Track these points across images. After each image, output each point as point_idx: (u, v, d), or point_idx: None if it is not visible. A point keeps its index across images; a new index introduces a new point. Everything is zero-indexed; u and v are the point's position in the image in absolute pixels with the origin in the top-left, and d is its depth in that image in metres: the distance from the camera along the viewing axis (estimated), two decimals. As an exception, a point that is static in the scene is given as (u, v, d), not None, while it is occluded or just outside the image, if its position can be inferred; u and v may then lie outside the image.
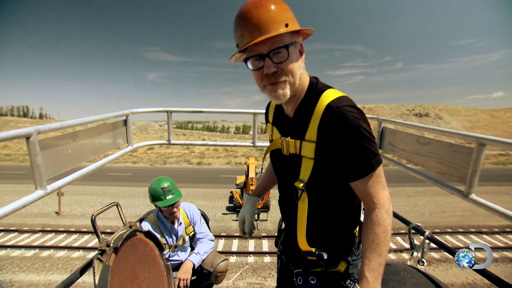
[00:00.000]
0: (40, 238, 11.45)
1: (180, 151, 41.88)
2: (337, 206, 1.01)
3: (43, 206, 15.40)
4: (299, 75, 0.93)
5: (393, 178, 24.91)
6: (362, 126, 0.85)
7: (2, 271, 9.20)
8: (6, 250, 10.43)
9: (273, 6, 0.84)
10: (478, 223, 13.44)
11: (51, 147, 1.39)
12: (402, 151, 2.22)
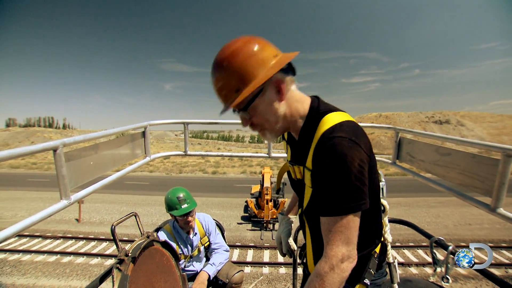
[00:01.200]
0: (62, 244, 11.85)
1: (196, 160, 42.46)
2: None
3: (65, 213, 15.99)
4: (280, 116, 0.92)
5: (413, 188, 24.00)
6: (346, 165, 0.77)
7: (27, 275, 9.57)
8: (31, 255, 10.87)
9: (222, 73, 0.85)
10: (511, 237, 12.55)
11: (75, 158, 1.46)
12: (421, 161, 2.15)
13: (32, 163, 36.51)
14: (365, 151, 0.82)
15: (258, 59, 0.84)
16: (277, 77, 0.89)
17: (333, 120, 0.86)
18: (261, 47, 0.86)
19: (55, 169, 1.30)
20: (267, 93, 0.89)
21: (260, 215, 14.37)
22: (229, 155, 2.25)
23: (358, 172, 0.78)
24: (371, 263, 0.99)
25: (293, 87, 0.95)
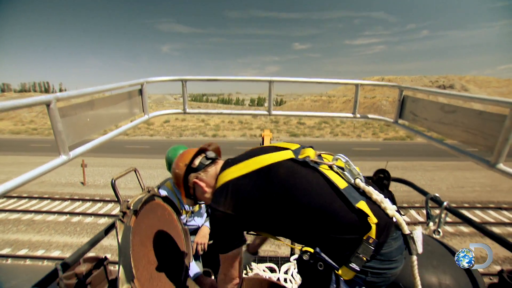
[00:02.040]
0: (70, 206, 12.37)
1: (196, 124, 42.41)
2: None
3: (70, 177, 16.44)
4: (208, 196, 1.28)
5: (411, 152, 24.34)
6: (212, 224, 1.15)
7: (41, 233, 10.16)
8: (42, 215, 11.41)
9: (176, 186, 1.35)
10: (498, 199, 13.06)
11: (71, 114, 1.43)
12: (424, 120, 2.11)
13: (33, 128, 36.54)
14: (225, 211, 1.09)
15: (177, 178, 1.31)
16: (193, 179, 1.28)
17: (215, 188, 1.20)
18: (177, 166, 1.31)
19: (51, 124, 1.28)
20: (197, 189, 1.29)
21: (260, 178, 14.72)
22: (228, 113, 2.21)
23: (221, 227, 1.12)
24: (361, 249, 0.97)
25: (211, 169, 1.28)
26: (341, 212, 1.00)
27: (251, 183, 1.10)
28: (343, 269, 0.99)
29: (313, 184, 1.06)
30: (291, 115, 2.36)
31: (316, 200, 1.02)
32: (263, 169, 1.11)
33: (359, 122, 45.26)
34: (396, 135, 34.67)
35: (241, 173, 1.13)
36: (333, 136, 35.61)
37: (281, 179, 1.07)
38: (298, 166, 1.11)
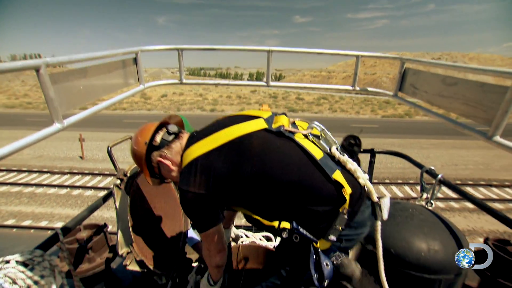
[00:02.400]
0: (69, 179, 12.52)
1: (194, 98, 41.87)
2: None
3: (68, 151, 16.47)
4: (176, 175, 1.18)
5: (408, 130, 24.42)
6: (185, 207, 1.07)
7: (43, 205, 10.38)
8: (43, 188, 11.58)
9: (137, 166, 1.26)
10: (490, 177, 13.37)
11: (63, 81, 1.39)
12: (424, 93, 2.08)
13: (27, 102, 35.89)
14: (198, 191, 1.01)
15: (137, 157, 1.19)
16: (157, 158, 1.17)
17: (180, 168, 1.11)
18: (136, 146, 1.18)
19: (42, 91, 1.24)
20: (162, 168, 1.19)
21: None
22: (226, 83, 2.16)
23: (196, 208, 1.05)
24: (338, 220, 0.99)
25: (176, 145, 1.17)
26: (318, 184, 0.98)
27: (221, 158, 1.00)
28: (321, 241, 1.01)
29: (289, 155, 1.01)
30: (289, 86, 2.31)
31: (293, 173, 0.98)
32: (234, 142, 1.02)
33: (358, 99, 44.83)
34: (395, 112, 34.57)
35: (209, 148, 1.02)
36: (332, 112, 35.45)
37: (255, 152, 0.99)
38: (272, 136, 1.04)
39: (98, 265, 1.46)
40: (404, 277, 1.29)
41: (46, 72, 1.22)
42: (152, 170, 1.21)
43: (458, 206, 10.81)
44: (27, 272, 0.93)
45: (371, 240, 1.42)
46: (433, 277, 1.25)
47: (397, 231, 1.34)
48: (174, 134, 1.19)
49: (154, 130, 1.17)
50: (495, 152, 17.59)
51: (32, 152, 16.16)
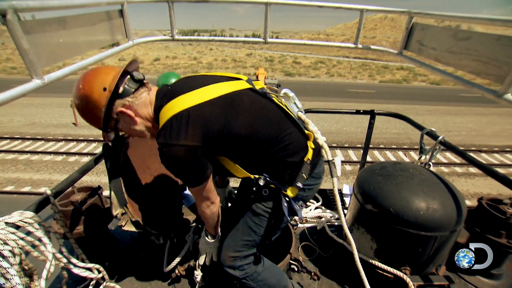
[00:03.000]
0: (64, 146, 12.42)
1: (188, 62, 40.37)
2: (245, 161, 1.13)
3: (60, 118, 16.13)
4: (143, 130, 1.12)
5: (405, 96, 24.22)
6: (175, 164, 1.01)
7: (40, 172, 10.42)
8: (39, 155, 11.52)
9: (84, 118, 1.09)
10: (480, 143, 13.63)
11: (38, 31, 1.24)
12: (432, 50, 1.96)
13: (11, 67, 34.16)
14: (190, 143, 0.96)
15: (91, 106, 1.02)
16: (119, 107, 1.04)
17: (161, 122, 1.01)
18: (89, 91, 1.01)
19: (13, 42, 1.11)
20: (122, 121, 1.09)
21: (254, 118, 14.73)
22: (220, 39, 1.99)
23: (187, 163, 0.99)
24: (304, 169, 1.14)
25: (142, 96, 1.08)
26: (295, 137, 1.14)
27: (216, 110, 1.02)
28: (290, 188, 1.15)
29: (273, 113, 1.14)
30: (288, 42, 2.16)
31: (275, 127, 1.10)
32: (226, 97, 1.06)
33: (356, 63, 43.60)
34: (393, 77, 33.93)
35: (201, 101, 1.01)
36: (329, 76, 34.66)
37: (247, 107, 1.07)
38: (258, 96, 1.14)
39: (95, 226, 1.46)
40: (401, 234, 1.31)
41: (15, 19, 1.08)
42: (107, 122, 1.05)
43: (448, 171, 11.13)
44: (18, 233, 0.90)
45: (369, 200, 1.42)
46: (429, 234, 1.27)
47: (397, 190, 1.34)
48: (140, 82, 1.08)
49: (117, 75, 1.01)
50: (488, 119, 17.75)
51: (23, 120, 15.81)
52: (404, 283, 1.34)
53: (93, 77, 1.02)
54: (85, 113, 1.05)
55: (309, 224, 2.12)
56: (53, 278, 1.53)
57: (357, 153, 12.50)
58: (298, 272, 1.55)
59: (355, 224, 1.57)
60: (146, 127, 1.11)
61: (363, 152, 2.65)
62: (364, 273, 1.54)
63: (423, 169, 1.50)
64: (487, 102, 21.49)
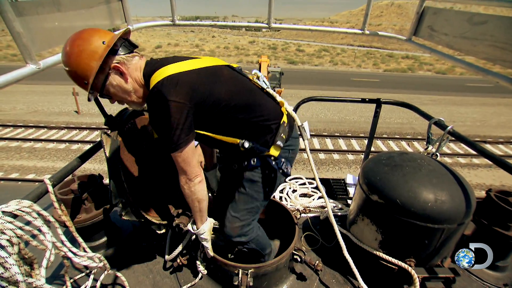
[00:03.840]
0: (67, 134, 12.46)
1: (190, 49, 39.87)
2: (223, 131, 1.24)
3: (62, 106, 16.10)
4: (131, 91, 1.16)
5: (410, 85, 23.82)
6: (162, 118, 1.04)
7: (44, 160, 10.50)
8: (42, 143, 11.58)
9: (68, 73, 1.06)
10: (485, 134, 13.47)
11: (30, 14, 1.18)
12: (443, 35, 1.87)
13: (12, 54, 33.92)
14: (179, 100, 1.04)
15: (87, 54, 1.01)
16: (113, 62, 1.08)
17: (152, 83, 1.08)
18: (87, 41, 1.02)
19: (5, 24, 1.05)
20: (112, 77, 1.10)
21: (257, 105, 14.61)
22: (223, 25, 1.92)
23: (174, 121, 1.03)
24: (281, 129, 1.29)
25: (134, 59, 1.14)
26: (270, 105, 1.31)
27: (201, 78, 1.12)
28: (273, 148, 1.27)
29: (249, 85, 1.30)
30: (293, 28, 2.08)
31: (253, 96, 1.26)
32: (209, 68, 1.18)
33: (360, 52, 42.74)
34: (398, 66, 33.28)
35: (187, 69, 1.12)
36: (333, 65, 34.08)
37: (227, 78, 1.21)
38: (236, 72, 1.30)
39: (96, 215, 1.44)
40: (408, 226, 1.28)
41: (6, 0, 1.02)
42: (98, 76, 1.06)
43: (451, 161, 11.06)
44: (16, 222, 0.88)
45: (375, 191, 1.39)
46: (436, 226, 1.24)
47: (404, 181, 1.30)
48: (134, 47, 1.15)
49: (116, 35, 1.08)
50: (494, 109, 17.47)
51: (25, 107, 15.80)
52: (408, 275, 1.32)
53: (92, 31, 1.06)
54: (77, 63, 1.02)
55: (312, 214, 2.10)
56: (55, 267, 1.54)
57: (360, 142, 12.43)
58: (300, 262, 1.53)
59: (359, 214, 1.54)
60: (134, 89, 1.15)
61: (368, 141, 2.60)
62: (368, 264, 1.53)
63: (431, 159, 1.45)
64: (493, 92, 21.12)
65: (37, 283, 0.90)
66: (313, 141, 12.52)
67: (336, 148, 11.97)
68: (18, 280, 0.83)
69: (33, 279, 0.91)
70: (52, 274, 1.50)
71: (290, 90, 18.58)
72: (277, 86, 15.69)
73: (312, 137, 12.81)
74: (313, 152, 11.51)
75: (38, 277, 0.94)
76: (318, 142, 12.47)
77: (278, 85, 15.83)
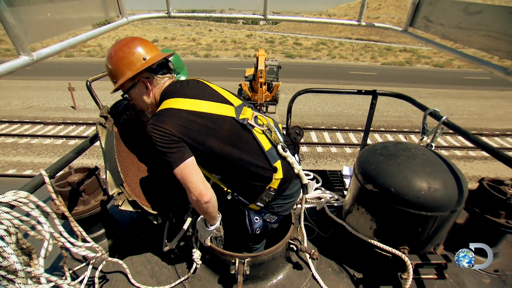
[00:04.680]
0: (64, 130, 12.40)
1: (186, 43, 39.44)
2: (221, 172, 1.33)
3: (59, 101, 15.97)
4: (148, 104, 1.30)
5: (407, 78, 23.81)
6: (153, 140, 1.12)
7: (41, 155, 10.46)
8: (38, 139, 11.52)
9: (106, 67, 1.25)
10: (481, 126, 13.55)
11: (22, 4, 1.17)
12: (439, 26, 1.87)
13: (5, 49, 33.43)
14: (168, 129, 1.12)
15: (126, 62, 1.18)
16: (144, 76, 1.23)
17: (161, 107, 1.20)
18: (132, 51, 1.18)
19: (-4, 14, 1.04)
20: (138, 87, 1.25)
21: (254, 98, 14.55)
22: (219, 16, 1.90)
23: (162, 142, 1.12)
24: (265, 194, 1.30)
25: (163, 80, 1.28)
26: (261, 168, 1.27)
27: (199, 122, 1.18)
28: (252, 205, 1.33)
29: (247, 144, 1.27)
30: (289, 19, 2.06)
31: (246, 156, 1.25)
32: (211, 116, 1.22)
33: (358, 45, 42.51)
34: (395, 60, 33.19)
35: (191, 109, 1.19)
36: (330, 58, 33.92)
37: (225, 133, 1.23)
38: (238, 126, 1.27)
39: (93, 207, 1.45)
40: (402, 214, 1.30)
41: (-6, -12, 1.01)
42: (125, 84, 1.22)
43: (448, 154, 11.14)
44: (13, 212, 0.89)
45: (370, 180, 1.41)
46: (429, 214, 1.26)
47: (399, 170, 1.31)
48: (169, 70, 1.30)
49: (159, 55, 1.22)
50: (491, 102, 17.54)
51: (20, 103, 15.66)
52: (402, 262, 1.35)
53: (141, 43, 1.21)
54: (116, 65, 1.19)
55: (309, 205, 2.12)
56: (55, 258, 1.55)
57: (357, 135, 12.48)
58: (297, 252, 1.56)
59: (354, 204, 1.56)
60: (151, 103, 1.29)
61: (364, 133, 2.61)
62: (363, 252, 1.56)
63: (425, 149, 1.47)
64: (491, 85, 21.17)
65: (35, 272, 0.92)
66: (311, 134, 12.55)
67: (334, 142, 12.02)
68: (17, 269, 0.84)
69: (32, 268, 0.92)
70: (51, 266, 1.52)
71: (287, 84, 18.51)
72: (275, 80, 15.63)
73: (310, 130, 12.84)
74: (311, 145, 11.55)
75: (37, 266, 0.95)
76: (316, 136, 12.51)
77: (275, 78, 15.77)
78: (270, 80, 15.29)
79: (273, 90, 14.84)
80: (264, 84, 13.92)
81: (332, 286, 1.54)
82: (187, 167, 1.15)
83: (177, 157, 1.13)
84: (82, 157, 10.20)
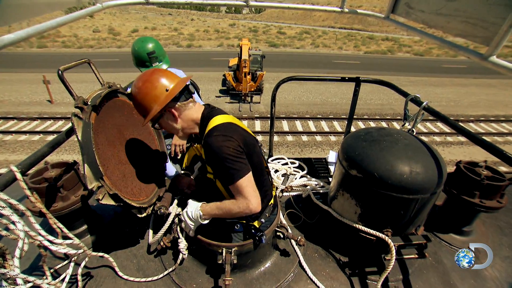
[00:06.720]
0: (40, 125, 11.80)
1: (168, 33, 38.16)
2: None
3: (33, 95, 15.13)
4: (179, 129, 1.36)
5: (389, 66, 24.30)
6: (223, 151, 1.18)
7: (16, 153, 9.94)
8: (12, 135, 10.92)
9: (133, 104, 1.33)
10: (458, 113, 14.16)
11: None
12: (420, 12, 1.89)
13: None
14: (236, 140, 1.24)
15: (151, 97, 1.24)
16: (170, 106, 1.28)
17: (213, 123, 1.29)
18: (154, 86, 1.24)
19: None
20: (165, 117, 1.33)
21: (238, 88, 14.40)
22: (199, 3, 1.82)
23: (233, 154, 1.20)
24: (267, 209, 1.49)
25: (189, 105, 1.34)
26: (267, 186, 1.49)
27: (246, 136, 1.33)
28: (256, 222, 1.45)
29: (263, 165, 1.47)
30: (272, 6, 2.01)
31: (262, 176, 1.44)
32: (249, 134, 1.38)
33: (341, 34, 42.70)
34: (378, 48, 33.66)
35: (238, 124, 1.36)
36: (314, 47, 33.94)
37: (258, 153, 1.40)
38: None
39: (73, 202, 1.39)
40: (385, 198, 1.33)
41: None
42: (153, 116, 1.26)
43: (427, 140, 11.56)
44: (-19, 212, 0.83)
45: (354, 166, 1.43)
46: (411, 197, 1.30)
47: (382, 155, 1.34)
48: (190, 95, 1.35)
49: (181, 84, 1.27)
50: (466, 90, 18.27)
51: (13, 98, 14.68)
52: (385, 244, 1.40)
53: (161, 76, 1.25)
54: (142, 101, 1.25)
55: (295, 193, 2.14)
56: (34, 258, 1.49)
57: (342, 123, 12.69)
58: (284, 239, 1.58)
59: (339, 190, 1.59)
60: (182, 127, 1.35)
61: (348, 121, 2.65)
62: (348, 237, 1.60)
63: (407, 134, 1.50)
64: (466, 73, 22.00)
65: (10, 273, 0.87)
66: (296, 123, 12.63)
67: (319, 130, 12.17)
68: (-11, 270, 0.79)
69: (6, 269, 0.87)
70: (30, 265, 1.46)
71: (272, 74, 18.41)
72: (259, 70, 15.48)
73: (295, 120, 12.91)
74: (296, 134, 11.65)
75: (11, 267, 0.91)
76: (301, 125, 12.60)
77: (260, 68, 15.62)
78: (254, 70, 15.12)
79: (257, 80, 14.72)
80: (248, 74, 13.76)
81: (319, 270, 1.57)
82: (251, 177, 1.24)
83: (245, 168, 1.22)
84: (62, 153, 9.81)
